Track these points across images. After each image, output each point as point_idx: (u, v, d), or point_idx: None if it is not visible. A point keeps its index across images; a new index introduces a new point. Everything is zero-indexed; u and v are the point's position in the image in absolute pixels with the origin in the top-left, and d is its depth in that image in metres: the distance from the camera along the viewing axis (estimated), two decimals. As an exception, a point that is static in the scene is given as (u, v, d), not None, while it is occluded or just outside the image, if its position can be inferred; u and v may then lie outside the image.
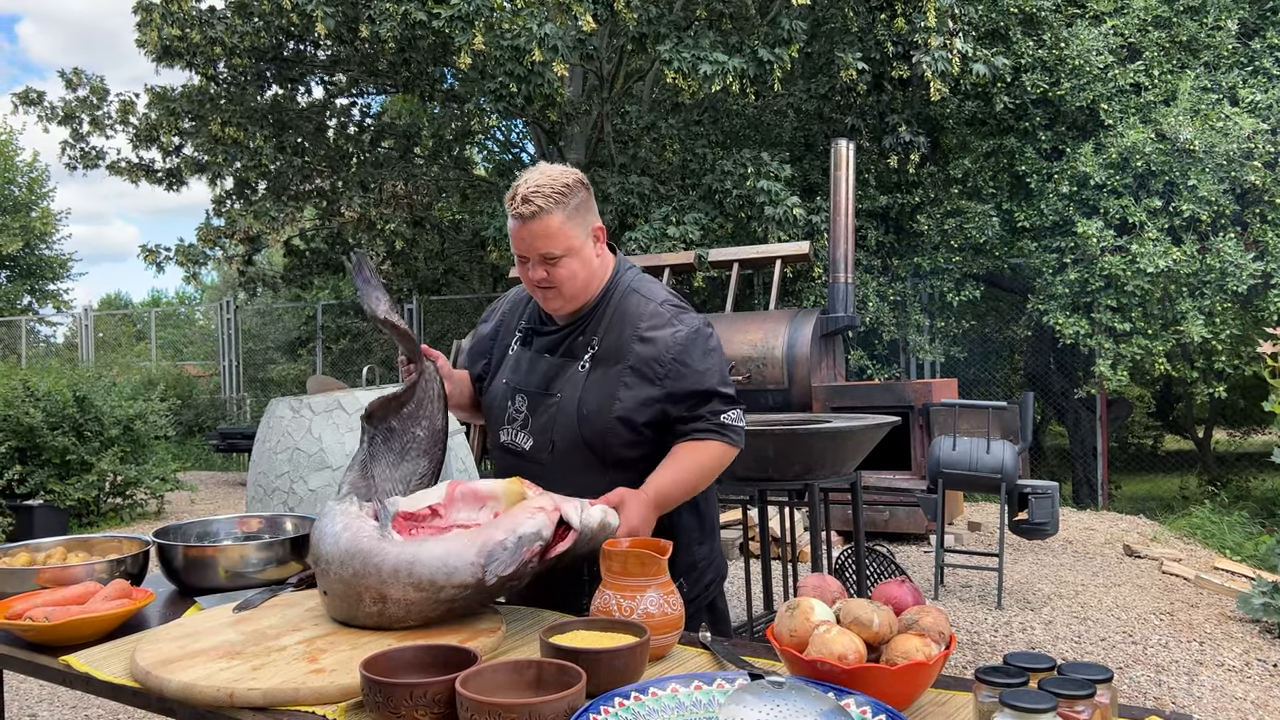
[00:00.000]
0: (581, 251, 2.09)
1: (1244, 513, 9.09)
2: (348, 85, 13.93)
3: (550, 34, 9.31)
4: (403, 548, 1.72)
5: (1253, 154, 9.56)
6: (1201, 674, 4.51)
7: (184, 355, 21.28)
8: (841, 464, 3.63)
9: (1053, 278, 10.29)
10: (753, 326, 7.69)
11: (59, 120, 13.69)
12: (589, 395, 2.10)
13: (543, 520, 1.75)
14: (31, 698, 4.56)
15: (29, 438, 8.25)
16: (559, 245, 2.04)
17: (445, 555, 1.69)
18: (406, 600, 1.69)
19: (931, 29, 9.80)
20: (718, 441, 2.08)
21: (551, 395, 2.14)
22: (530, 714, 1.23)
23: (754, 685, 1.25)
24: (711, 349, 2.13)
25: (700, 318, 2.17)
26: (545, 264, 2.06)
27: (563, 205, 2.04)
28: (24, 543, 2.22)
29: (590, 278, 2.14)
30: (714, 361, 2.12)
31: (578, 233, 2.07)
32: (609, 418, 2.07)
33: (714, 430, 2.08)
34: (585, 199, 2.10)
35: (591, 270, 2.13)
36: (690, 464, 2.06)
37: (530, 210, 2.02)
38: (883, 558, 5.18)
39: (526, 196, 2.02)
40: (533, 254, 2.06)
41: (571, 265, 2.08)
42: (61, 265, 24.70)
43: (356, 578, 1.71)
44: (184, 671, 1.53)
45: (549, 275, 2.07)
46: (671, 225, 10.46)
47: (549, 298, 2.13)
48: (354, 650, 1.62)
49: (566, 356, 2.16)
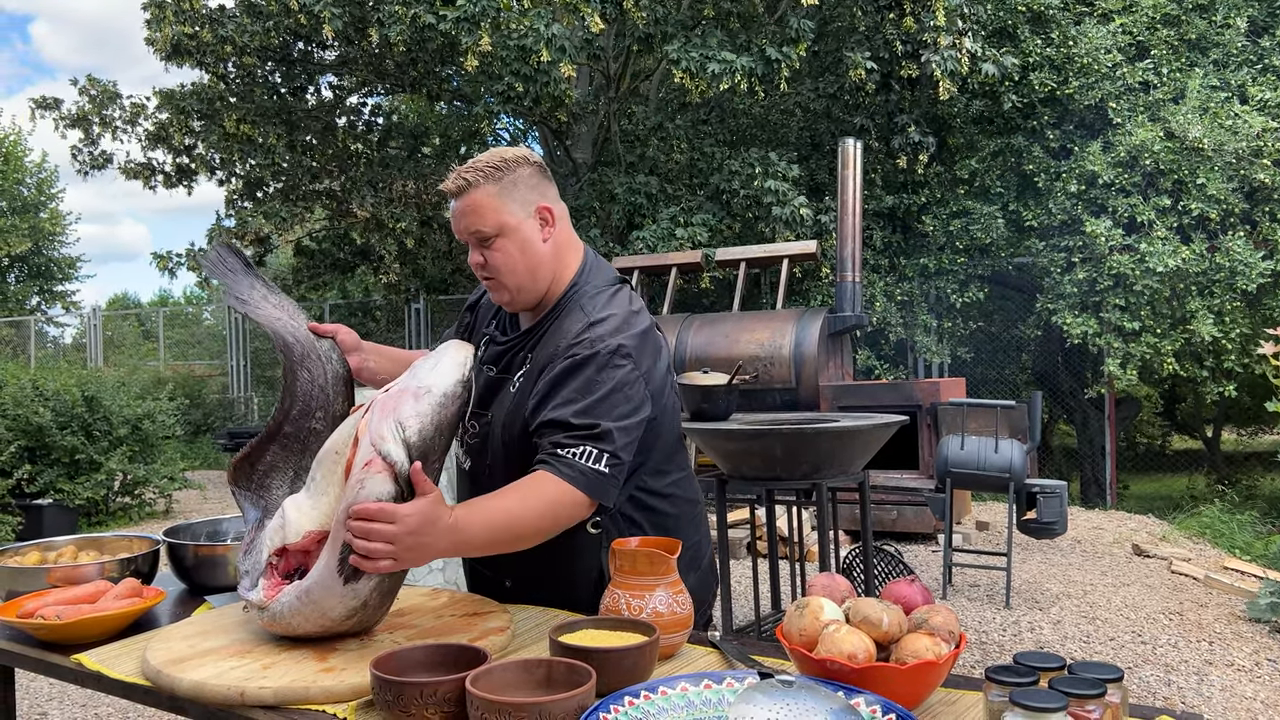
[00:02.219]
0: (518, 232, 1.87)
1: (1253, 512, 9.07)
2: (356, 86, 13.95)
3: (558, 34, 9.31)
4: (276, 614, 1.65)
5: (1262, 152, 9.53)
6: (1211, 674, 4.49)
7: (192, 355, 21.34)
8: (849, 463, 3.62)
9: (1061, 277, 10.27)
10: (760, 326, 7.69)
11: (71, 124, 13.78)
12: (514, 418, 1.89)
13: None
14: (42, 696, 4.57)
15: (38, 437, 8.29)
16: (488, 223, 1.85)
17: (309, 602, 1.61)
18: (334, 628, 1.66)
19: (941, 28, 9.78)
20: (553, 476, 1.71)
21: (485, 414, 1.96)
22: (541, 713, 1.23)
23: (764, 684, 1.25)
24: (600, 380, 1.78)
25: (620, 345, 1.82)
26: (480, 247, 1.88)
27: (494, 179, 1.85)
28: (35, 542, 2.23)
29: (536, 266, 1.90)
30: (597, 393, 1.77)
31: (513, 209, 1.87)
32: (530, 446, 1.83)
33: (548, 461, 1.73)
34: (528, 175, 1.89)
35: (537, 257, 1.90)
36: (514, 499, 1.69)
37: (457, 185, 1.86)
38: (890, 557, 5.17)
39: (458, 172, 1.87)
40: (465, 234, 1.88)
41: (507, 248, 1.87)
42: (70, 266, 24.79)
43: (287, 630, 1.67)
44: (195, 670, 1.53)
45: (485, 261, 1.88)
46: (680, 226, 10.46)
47: (492, 289, 1.94)
48: (364, 649, 1.63)
49: (505, 373, 1.97)
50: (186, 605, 2.04)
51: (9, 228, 21.90)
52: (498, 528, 1.66)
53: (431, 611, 1.85)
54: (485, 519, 1.65)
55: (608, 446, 1.74)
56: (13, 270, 23.75)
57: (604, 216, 11.61)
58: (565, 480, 1.71)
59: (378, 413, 1.64)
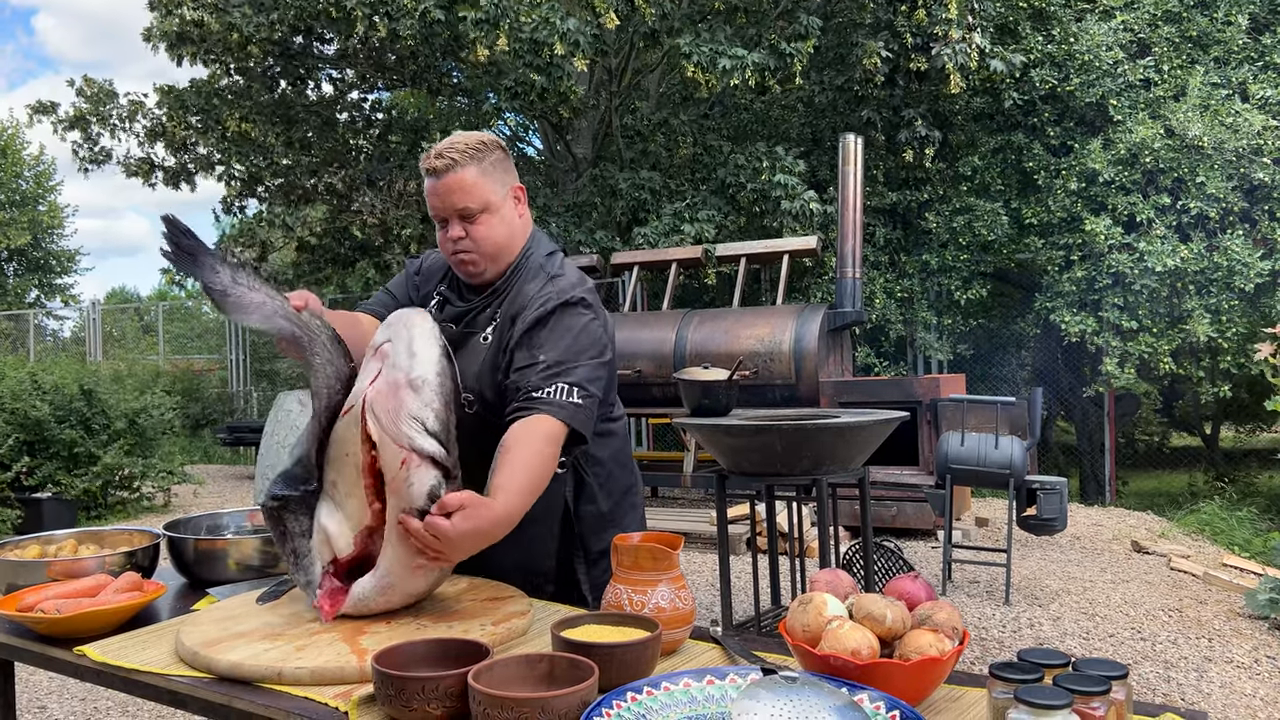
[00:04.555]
0: (501, 209, 2.05)
1: (1252, 509, 9.07)
2: (358, 80, 13.93)
3: (572, 29, 9.33)
4: (360, 599, 1.73)
5: (1262, 150, 9.52)
6: (1210, 671, 4.50)
7: (191, 350, 21.32)
8: (849, 459, 3.62)
9: (1059, 275, 10.26)
10: (760, 322, 7.68)
11: (70, 126, 13.78)
12: (484, 371, 2.04)
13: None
14: (41, 690, 4.57)
15: (37, 431, 8.30)
16: (475, 200, 2.00)
17: (390, 586, 1.71)
18: (423, 598, 1.78)
19: (953, 21, 9.76)
20: (535, 415, 1.84)
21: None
22: (543, 708, 1.23)
23: (767, 680, 1.25)
24: (566, 326, 1.96)
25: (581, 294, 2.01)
26: (463, 222, 2.01)
27: (477, 160, 2.01)
28: (35, 535, 2.23)
29: (511, 239, 2.08)
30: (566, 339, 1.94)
31: (495, 188, 2.04)
32: (500, 399, 1.98)
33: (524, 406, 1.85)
34: (502, 158, 2.07)
35: (512, 231, 2.08)
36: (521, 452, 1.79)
37: (444, 164, 1.99)
38: (890, 553, 5.17)
39: (440, 152, 2.00)
40: (449, 211, 2.01)
41: (490, 222, 2.03)
42: (69, 259, 24.77)
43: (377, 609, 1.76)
44: (230, 651, 1.57)
45: (467, 234, 2.02)
46: (686, 222, 10.45)
47: (467, 261, 2.05)
48: (392, 632, 1.66)
49: (470, 328, 2.10)
50: (187, 599, 2.04)
51: (7, 221, 21.88)
52: (527, 488, 1.76)
53: (451, 597, 1.88)
54: (517, 485, 1.74)
55: (578, 381, 1.90)
56: (11, 263, 23.72)
57: (605, 212, 11.59)
58: (550, 415, 1.84)
59: (383, 414, 1.69)
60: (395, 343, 1.77)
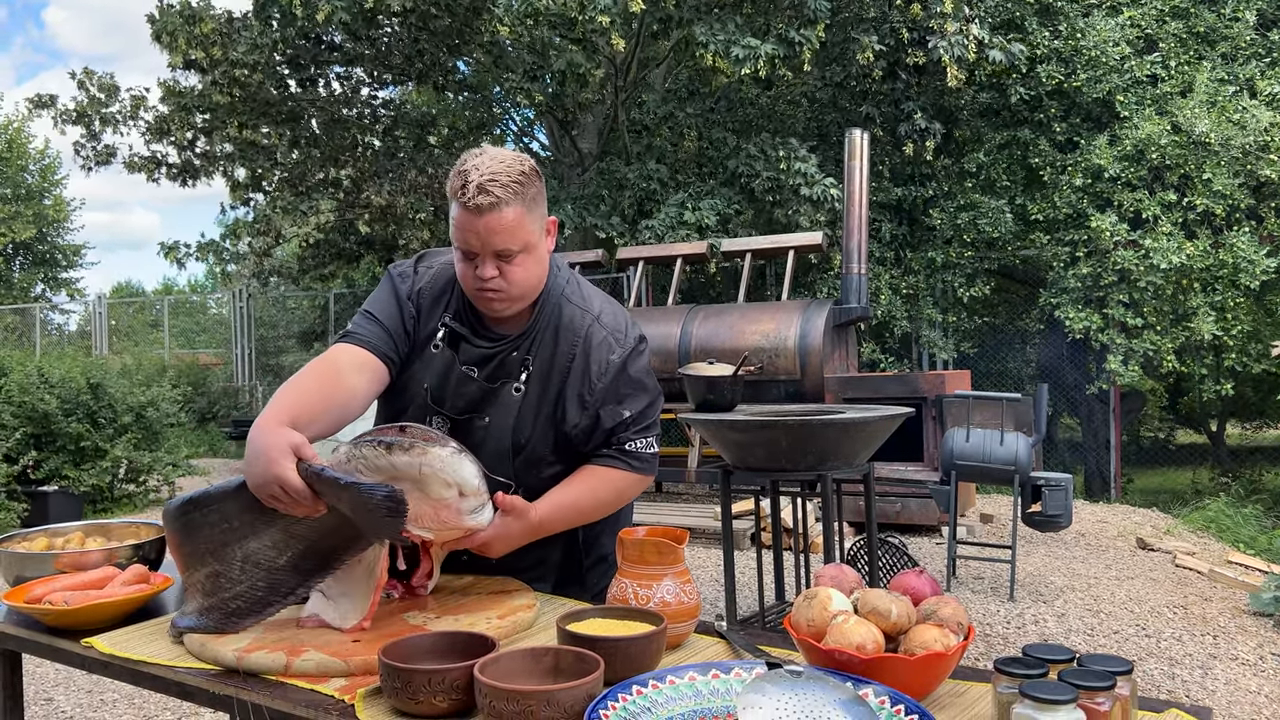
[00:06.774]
0: (538, 249, 1.90)
1: (1258, 506, 9.05)
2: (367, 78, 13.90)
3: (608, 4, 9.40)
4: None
5: (1269, 147, 9.49)
6: (1215, 668, 4.49)
7: (198, 343, 21.35)
8: (854, 455, 3.62)
9: (1064, 271, 10.24)
10: (765, 317, 7.68)
11: (71, 121, 13.72)
12: (523, 423, 1.95)
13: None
14: (48, 681, 4.59)
15: (44, 424, 8.32)
16: (517, 241, 1.83)
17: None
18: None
19: (948, 14, 9.75)
20: (622, 470, 1.97)
21: (482, 419, 1.96)
22: (549, 701, 1.23)
23: (772, 674, 1.25)
24: (637, 373, 2.00)
25: (636, 333, 2.03)
26: (498, 261, 1.84)
27: (521, 196, 1.82)
28: (43, 528, 2.23)
29: (542, 278, 1.95)
30: (640, 386, 1.99)
31: (535, 227, 1.87)
32: (546, 447, 1.96)
33: (617, 458, 1.97)
34: (540, 190, 1.90)
35: (544, 269, 1.95)
36: (586, 492, 1.95)
37: (488, 201, 1.78)
38: (895, 549, 5.17)
39: (482, 185, 1.78)
40: (486, 250, 1.83)
41: (527, 264, 1.87)
42: (75, 253, 24.80)
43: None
44: (237, 643, 1.59)
45: (502, 274, 1.85)
46: (687, 211, 10.44)
47: (494, 299, 1.89)
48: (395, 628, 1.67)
49: (499, 377, 1.96)
50: (194, 592, 2.04)
51: (13, 215, 21.91)
52: (570, 520, 1.97)
53: (459, 591, 1.89)
54: (563, 518, 1.94)
55: (653, 423, 2.03)
56: (18, 257, 23.77)
57: (612, 205, 11.59)
58: (633, 471, 1.98)
59: (437, 525, 1.72)
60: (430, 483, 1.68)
